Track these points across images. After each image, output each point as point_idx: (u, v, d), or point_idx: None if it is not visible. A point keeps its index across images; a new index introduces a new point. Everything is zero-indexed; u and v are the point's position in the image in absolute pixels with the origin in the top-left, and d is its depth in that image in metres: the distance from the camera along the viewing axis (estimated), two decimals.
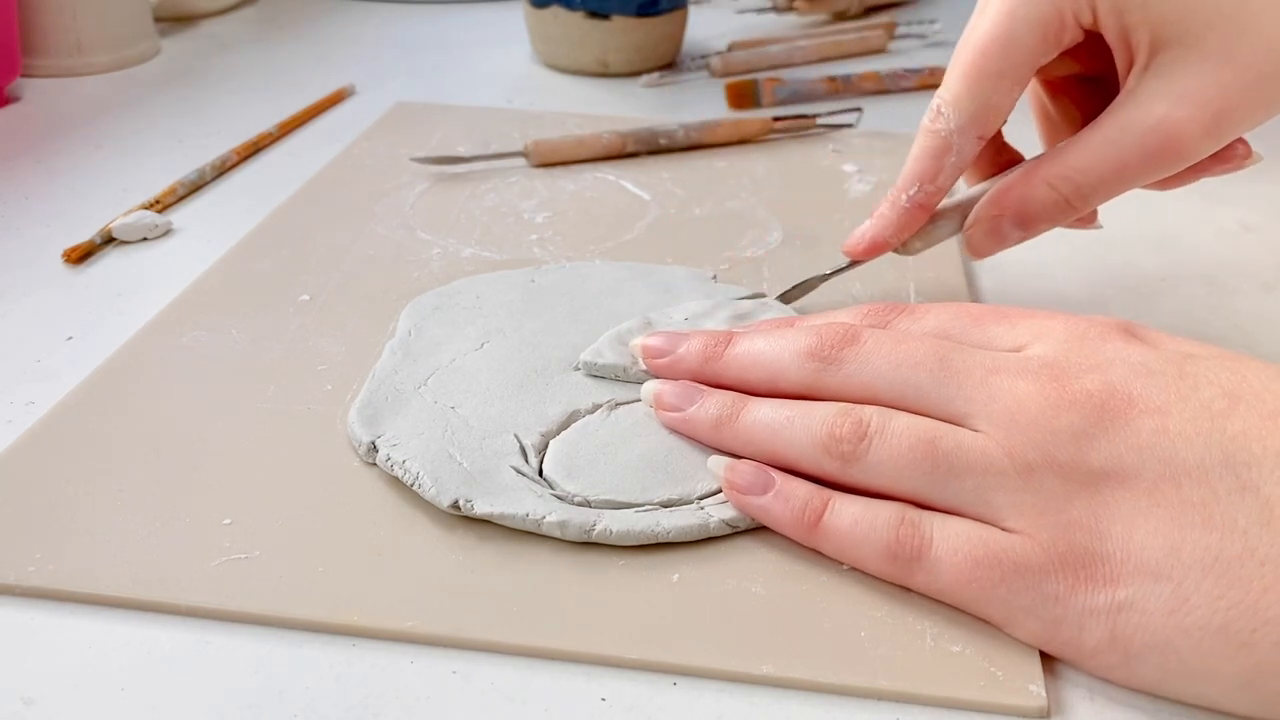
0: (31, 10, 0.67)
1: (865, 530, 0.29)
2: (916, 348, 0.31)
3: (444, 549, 0.30)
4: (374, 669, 0.27)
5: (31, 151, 0.58)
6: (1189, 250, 0.50)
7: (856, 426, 0.30)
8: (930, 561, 0.28)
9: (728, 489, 0.32)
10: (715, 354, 0.35)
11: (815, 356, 0.32)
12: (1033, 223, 0.38)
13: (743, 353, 0.34)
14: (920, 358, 0.31)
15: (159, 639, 0.28)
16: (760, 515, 0.31)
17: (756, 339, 0.34)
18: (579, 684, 0.27)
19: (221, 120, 0.63)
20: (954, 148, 0.38)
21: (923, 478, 0.29)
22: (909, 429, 0.30)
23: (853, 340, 0.32)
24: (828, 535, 0.30)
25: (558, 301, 0.42)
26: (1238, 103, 0.34)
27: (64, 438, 0.35)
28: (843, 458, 0.30)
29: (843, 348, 0.32)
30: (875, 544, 0.29)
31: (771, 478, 0.31)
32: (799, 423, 0.31)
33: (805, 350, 0.33)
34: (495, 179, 0.55)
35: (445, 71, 0.74)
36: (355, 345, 0.40)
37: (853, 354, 0.32)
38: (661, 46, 0.73)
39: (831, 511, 0.30)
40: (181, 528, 0.31)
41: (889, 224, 0.39)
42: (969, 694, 0.27)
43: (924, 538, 0.29)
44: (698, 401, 0.34)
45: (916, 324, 0.34)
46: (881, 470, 0.30)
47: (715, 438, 0.33)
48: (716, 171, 0.56)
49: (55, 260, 0.47)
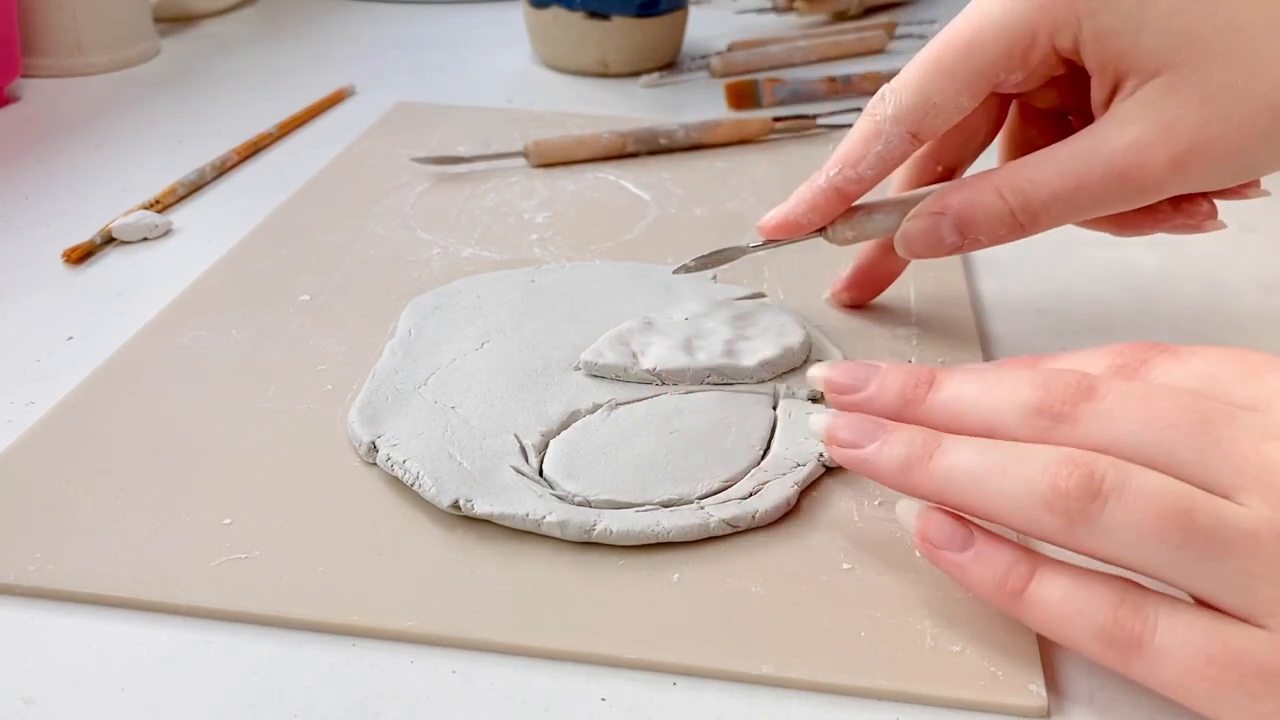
0: (31, 10, 0.67)
1: (1077, 607, 0.25)
2: (1170, 405, 0.26)
3: (444, 549, 0.30)
4: (374, 669, 0.27)
5: (31, 151, 0.58)
6: (1189, 250, 0.50)
7: (1088, 480, 0.25)
8: (1152, 651, 0.25)
9: (919, 540, 0.28)
10: (917, 397, 0.30)
11: (1043, 413, 0.27)
12: (972, 230, 0.35)
13: (951, 399, 0.29)
14: (1175, 417, 0.26)
15: (159, 639, 0.28)
16: (955, 574, 0.28)
17: (968, 384, 0.29)
18: (579, 684, 0.27)
19: (221, 120, 0.63)
20: (884, 135, 0.35)
21: (1168, 553, 0.25)
22: (1158, 492, 0.25)
23: (1089, 394, 0.27)
24: (1032, 608, 0.26)
25: (558, 301, 0.42)
26: (1219, 137, 0.32)
27: (64, 438, 0.35)
28: (1068, 516, 0.25)
29: (1077, 403, 0.27)
30: (1088, 625, 0.25)
31: (971, 534, 0.27)
32: (1012, 470, 0.26)
33: (1031, 405, 0.27)
34: (495, 179, 0.55)
35: (445, 71, 0.74)
36: (355, 345, 0.40)
37: (1090, 411, 0.27)
38: (661, 46, 0.73)
39: (1038, 582, 0.26)
40: (181, 528, 0.31)
41: (803, 203, 0.37)
42: (969, 694, 0.27)
43: (1147, 623, 0.25)
44: (881, 438, 0.29)
45: (1177, 369, 0.28)
46: (1117, 537, 0.25)
47: (903, 482, 0.28)
48: (717, 172, 0.56)
49: (55, 260, 0.47)
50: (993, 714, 0.26)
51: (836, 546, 0.31)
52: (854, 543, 0.31)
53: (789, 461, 0.33)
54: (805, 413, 0.36)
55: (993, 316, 0.44)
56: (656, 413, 0.35)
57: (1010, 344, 0.42)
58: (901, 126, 0.35)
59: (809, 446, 0.34)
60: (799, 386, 0.37)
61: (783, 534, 0.31)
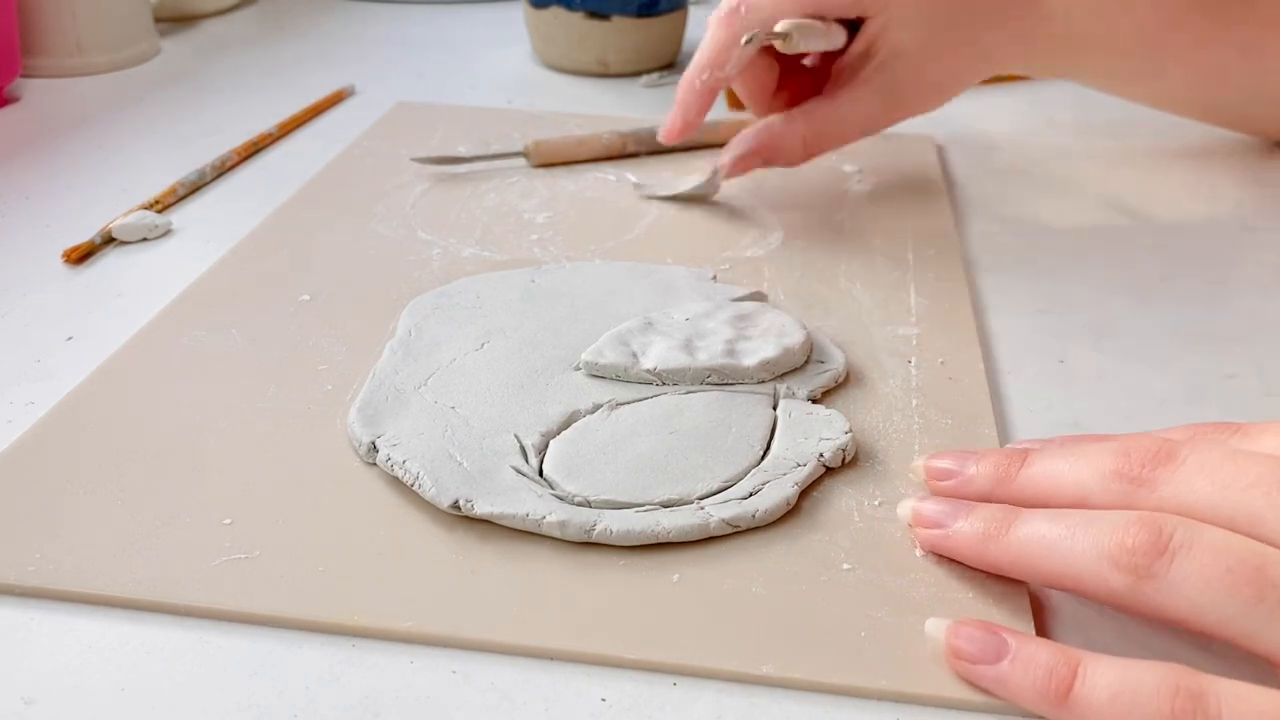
0: (31, 10, 0.67)
1: (1128, 703, 0.24)
2: (1249, 467, 0.26)
3: (444, 549, 0.30)
4: (374, 669, 0.27)
5: (31, 151, 0.58)
6: (1189, 250, 0.50)
7: (1155, 537, 0.25)
8: None
9: (951, 658, 0.27)
10: (1009, 475, 0.30)
11: (1124, 477, 0.28)
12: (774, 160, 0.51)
13: (1040, 474, 0.30)
14: (1254, 478, 0.26)
15: (159, 639, 0.28)
16: (995, 688, 0.26)
17: (1055, 459, 0.30)
18: (579, 684, 0.27)
19: (221, 120, 0.63)
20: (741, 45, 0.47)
21: (1240, 606, 0.24)
22: (1228, 547, 0.25)
23: (1168, 458, 0.27)
24: (1081, 711, 0.25)
25: (558, 301, 0.42)
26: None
27: (64, 438, 0.35)
28: (1135, 572, 0.25)
29: (1156, 466, 0.27)
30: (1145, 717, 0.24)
31: (1005, 640, 0.26)
32: (1081, 533, 0.27)
33: (1112, 471, 0.28)
34: (495, 179, 0.55)
35: (445, 71, 0.74)
36: (355, 345, 0.40)
37: (1168, 474, 0.27)
38: (661, 47, 0.73)
39: (1083, 681, 0.25)
40: (181, 528, 0.31)
41: (691, 106, 0.50)
42: (969, 694, 0.27)
43: (1208, 708, 0.23)
44: (963, 517, 0.30)
45: (1250, 443, 0.29)
46: (1185, 592, 0.25)
47: (981, 556, 0.29)
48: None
49: (55, 260, 0.47)
50: (993, 714, 0.26)
51: (836, 546, 0.31)
52: (854, 543, 0.31)
53: (789, 461, 0.33)
54: (805, 413, 0.36)
55: (993, 316, 0.44)
56: (656, 413, 0.35)
57: (1010, 344, 0.42)
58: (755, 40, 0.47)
59: (809, 446, 0.34)
60: (799, 386, 0.37)
61: (783, 534, 0.31)
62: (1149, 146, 0.61)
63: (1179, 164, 0.59)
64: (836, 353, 0.39)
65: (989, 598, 0.29)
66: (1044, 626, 0.29)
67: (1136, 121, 0.65)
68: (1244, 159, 0.60)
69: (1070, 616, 0.29)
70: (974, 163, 0.58)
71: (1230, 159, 0.60)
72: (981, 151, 0.60)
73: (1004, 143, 0.60)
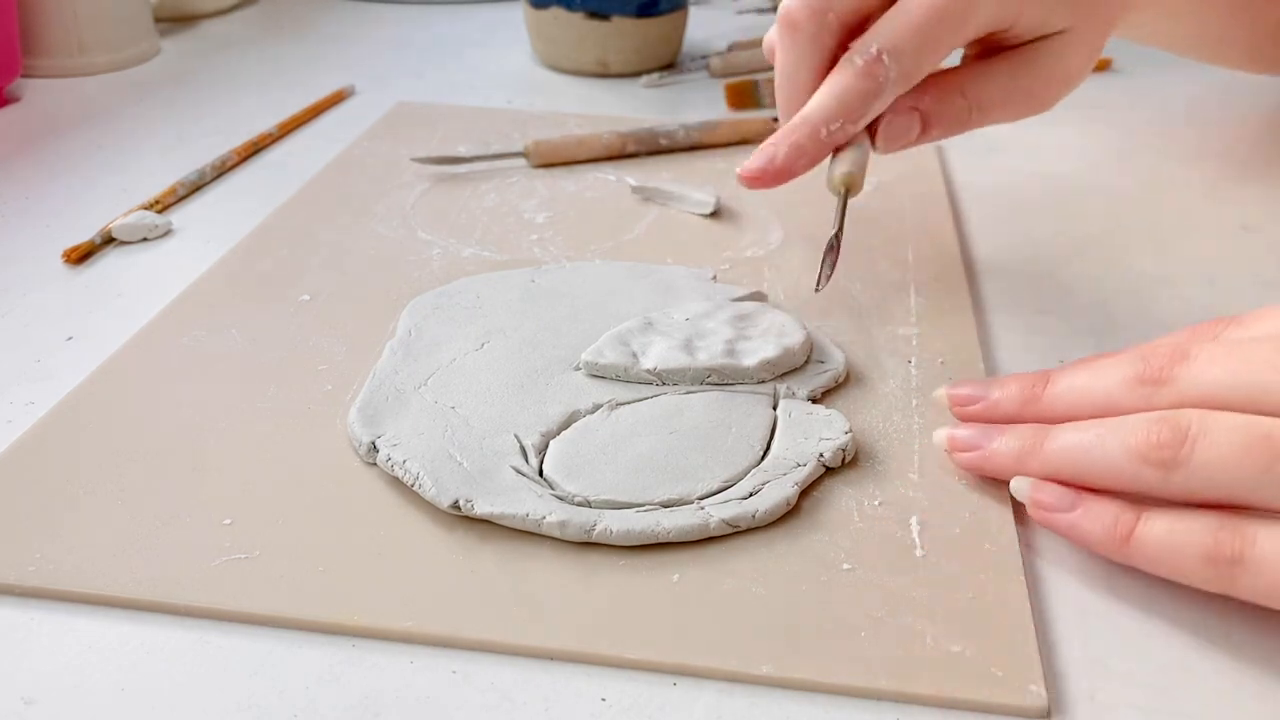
0: (32, 10, 0.67)
1: (1181, 539, 0.28)
2: (1255, 351, 0.29)
3: (444, 549, 0.30)
4: (374, 669, 0.27)
5: (31, 151, 0.58)
6: (1189, 250, 0.50)
7: (1175, 431, 0.28)
8: (1255, 563, 0.27)
9: (1034, 509, 0.31)
10: (1034, 395, 0.33)
11: (1145, 381, 0.31)
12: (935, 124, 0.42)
13: (1065, 389, 0.33)
14: (1261, 361, 0.29)
15: (159, 639, 0.28)
16: (1069, 533, 0.30)
17: (1077, 374, 0.33)
18: (579, 684, 0.27)
19: (221, 120, 0.63)
20: (884, 96, 0.39)
21: (1258, 476, 0.27)
22: (1239, 427, 0.28)
23: (1182, 358, 0.30)
24: (1141, 548, 0.29)
25: (558, 301, 0.42)
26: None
27: (64, 438, 0.35)
28: (1163, 465, 0.28)
29: (1173, 367, 0.30)
30: (1193, 551, 0.28)
31: (1079, 495, 0.30)
32: (1110, 438, 0.30)
33: (1134, 377, 0.31)
34: (496, 179, 0.55)
35: (445, 71, 0.74)
36: (355, 345, 0.40)
37: (1184, 371, 0.30)
38: (661, 47, 0.73)
39: (1143, 523, 0.29)
40: (181, 528, 0.31)
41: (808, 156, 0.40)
42: (969, 694, 0.27)
43: (1246, 538, 0.27)
44: (998, 437, 0.32)
45: (1247, 331, 0.32)
46: (1209, 473, 0.28)
47: (1021, 470, 0.32)
48: (717, 172, 0.56)
49: (55, 260, 0.47)
50: (993, 714, 0.26)
51: (836, 546, 0.31)
52: (854, 543, 0.31)
53: (789, 461, 0.33)
54: (805, 413, 0.36)
55: (993, 316, 0.44)
56: (656, 413, 0.35)
57: (1010, 344, 0.42)
58: (900, 89, 0.39)
59: (809, 446, 0.34)
60: (799, 387, 0.37)
61: (783, 534, 0.31)
62: (1149, 146, 0.61)
63: (1179, 164, 0.59)
64: (836, 353, 0.39)
65: (989, 597, 0.29)
66: (1044, 625, 0.29)
67: (1136, 122, 0.65)
68: (1244, 159, 0.60)
69: (1070, 616, 0.29)
70: (974, 162, 0.58)
71: (1230, 159, 0.60)
72: (981, 152, 0.60)
73: (1004, 143, 0.60)
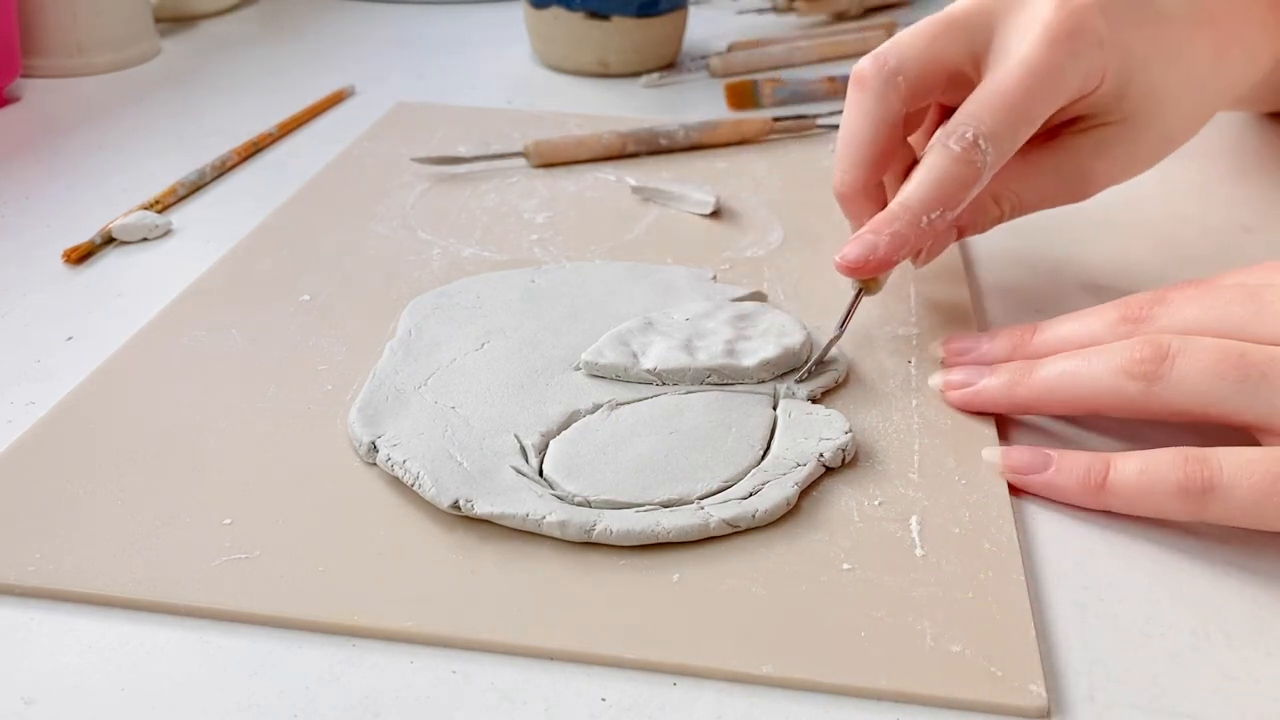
0: (32, 10, 0.67)
1: (1153, 477, 0.30)
2: (1224, 291, 0.33)
3: (444, 549, 0.30)
4: (374, 669, 0.27)
5: (31, 151, 0.58)
6: (1189, 250, 0.50)
7: (1156, 348, 0.31)
8: (1224, 489, 0.29)
9: (1009, 474, 0.33)
10: (1024, 342, 0.36)
11: (1126, 319, 0.34)
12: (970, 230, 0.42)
13: (1052, 336, 0.36)
14: (1229, 298, 0.32)
15: (159, 639, 0.28)
16: (1045, 491, 0.33)
17: (1064, 324, 0.36)
18: (579, 684, 0.27)
19: (221, 120, 0.63)
20: (982, 179, 0.37)
21: (1232, 386, 0.30)
22: (1215, 345, 0.31)
23: (1159, 300, 0.34)
24: (1116, 492, 0.31)
25: (558, 301, 0.42)
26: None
27: (64, 438, 0.35)
28: (1145, 378, 0.31)
29: (1152, 307, 0.34)
30: (1165, 486, 0.30)
31: (1048, 455, 0.32)
32: (1095, 359, 0.32)
33: (1117, 318, 0.34)
34: (496, 179, 0.55)
35: (445, 71, 0.74)
36: (355, 345, 0.40)
37: (1163, 310, 0.33)
38: (661, 47, 0.73)
39: (1115, 470, 0.31)
40: (181, 528, 0.31)
41: (909, 245, 0.37)
42: (969, 694, 0.27)
43: (1212, 467, 0.29)
44: (988, 373, 0.35)
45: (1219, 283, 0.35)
46: (1187, 385, 0.31)
47: (1011, 401, 0.34)
48: (717, 172, 0.56)
49: (55, 260, 0.47)
50: (993, 714, 0.26)
51: (836, 546, 0.31)
52: (854, 543, 0.31)
53: (789, 461, 0.33)
54: (805, 413, 0.36)
55: (993, 316, 0.44)
56: (656, 413, 0.35)
57: None
58: (995, 170, 0.38)
59: (809, 446, 0.34)
60: (799, 387, 0.37)
61: (783, 534, 0.31)
62: None
63: (1179, 164, 0.59)
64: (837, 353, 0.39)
65: (989, 597, 0.29)
66: (1043, 625, 0.29)
67: None
68: (1244, 159, 0.60)
69: (1070, 616, 0.29)
70: None
71: (1230, 159, 0.60)
72: None
73: None
